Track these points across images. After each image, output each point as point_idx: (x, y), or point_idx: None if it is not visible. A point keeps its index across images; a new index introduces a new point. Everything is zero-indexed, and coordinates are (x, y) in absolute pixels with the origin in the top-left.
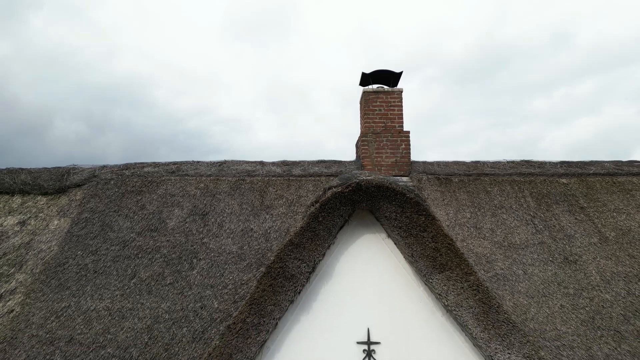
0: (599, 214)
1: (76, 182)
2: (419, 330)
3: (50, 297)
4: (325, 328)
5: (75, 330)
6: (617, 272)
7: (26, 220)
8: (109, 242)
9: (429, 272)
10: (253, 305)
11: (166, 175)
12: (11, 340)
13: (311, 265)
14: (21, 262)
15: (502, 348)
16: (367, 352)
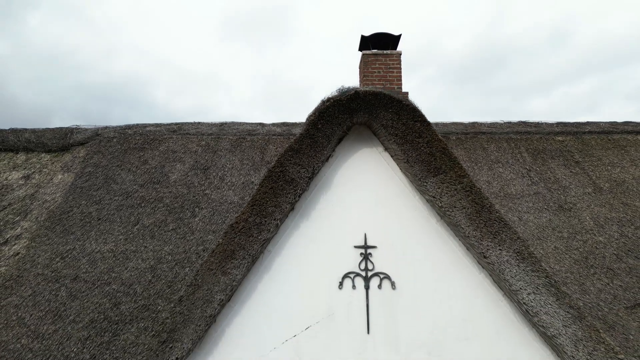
0: (593, 168)
1: (79, 140)
2: (413, 235)
3: (55, 241)
4: (324, 234)
5: (80, 269)
6: (611, 218)
7: (30, 174)
8: (112, 193)
9: (424, 176)
10: (255, 206)
11: (168, 134)
12: (17, 278)
13: (310, 171)
14: (26, 211)
15: (494, 245)
16: (364, 255)
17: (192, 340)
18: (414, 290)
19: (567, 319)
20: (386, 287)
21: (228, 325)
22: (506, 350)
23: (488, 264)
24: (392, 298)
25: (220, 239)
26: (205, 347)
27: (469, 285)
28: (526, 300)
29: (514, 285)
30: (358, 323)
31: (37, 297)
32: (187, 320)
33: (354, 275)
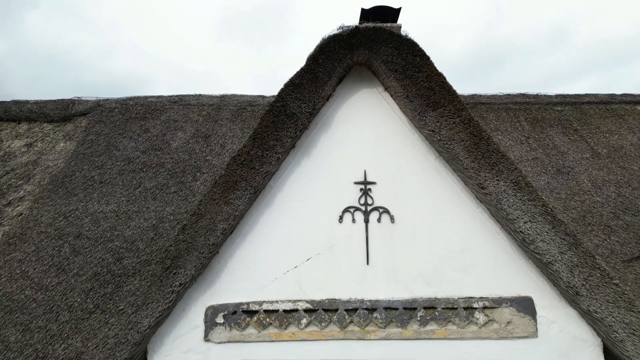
0: (592, 135)
1: (81, 111)
2: (412, 172)
3: (58, 202)
4: (325, 171)
5: (83, 228)
6: (609, 180)
7: (33, 142)
8: (114, 159)
9: (423, 111)
10: (256, 140)
11: (169, 105)
12: (21, 235)
13: (311, 106)
14: (29, 176)
15: (492, 176)
16: (364, 190)
17: (195, 267)
18: (412, 224)
19: (563, 245)
20: (385, 221)
21: (230, 256)
22: (503, 280)
23: (486, 195)
24: (391, 231)
25: (222, 170)
26: (208, 277)
27: (467, 219)
28: (523, 228)
29: (510, 215)
30: (357, 255)
31: (40, 252)
32: (191, 248)
33: (353, 209)
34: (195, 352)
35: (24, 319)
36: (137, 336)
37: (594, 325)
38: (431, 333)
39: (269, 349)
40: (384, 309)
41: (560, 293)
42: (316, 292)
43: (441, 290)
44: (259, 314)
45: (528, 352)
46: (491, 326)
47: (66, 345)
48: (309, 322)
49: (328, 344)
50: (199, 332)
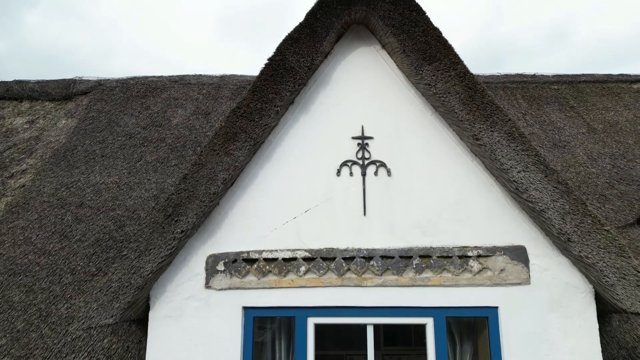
0: (588, 111)
1: (82, 90)
2: (409, 127)
3: (60, 174)
4: (323, 126)
5: (85, 197)
6: (604, 153)
7: (35, 120)
8: (115, 134)
9: (420, 65)
10: (256, 92)
11: (169, 84)
12: (23, 205)
13: (309, 61)
14: (31, 150)
15: (486, 127)
16: (361, 145)
17: (196, 215)
18: (409, 177)
19: (555, 193)
20: (382, 174)
21: (231, 208)
22: (497, 231)
23: (480, 147)
24: (387, 184)
25: (222, 122)
26: (209, 228)
27: (463, 172)
28: (516, 178)
29: (504, 165)
30: (355, 206)
31: (43, 220)
32: (192, 196)
33: (351, 163)
34: (197, 298)
35: (28, 281)
36: (140, 280)
37: (585, 272)
38: (426, 280)
39: (269, 295)
40: (381, 257)
41: (552, 242)
42: (314, 242)
43: (436, 240)
44: (259, 262)
45: (521, 298)
46: (485, 274)
47: (69, 304)
48: (307, 270)
49: (326, 290)
50: (200, 279)
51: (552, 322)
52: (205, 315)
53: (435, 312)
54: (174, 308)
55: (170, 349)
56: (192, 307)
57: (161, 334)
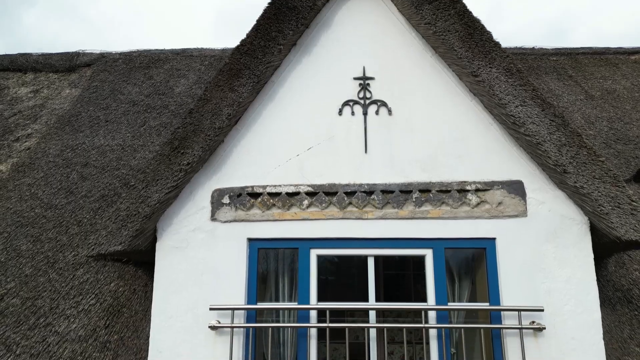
0: (586, 80)
1: (85, 62)
2: (409, 68)
3: (65, 137)
4: (325, 67)
5: (90, 158)
6: (601, 117)
7: (39, 89)
8: (119, 102)
9: (420, 4)
10: (259, 30)
11: (172, 56)
12: (29, 164)
13: (312, 0)
14: (35, 117)
15: (485, 64)
16: (363, 85)
17: (202, 148)
18: (409, 116)
19: (552, 126)
20: (383, 113)
21: (235, 146)
22: (495, 167)
23: (479, 83)
24: (388, 122)
25: (227, 60)
26: (214, 164)
27: (462, 111)
28: (514, 112)
29: (503, 100)
30: (356, 144)
31: (49, 178)
32: (197, 130)
33: (352, 102)
34: (203, 230)
35: (35, 232)
36: (148, 209)
37: (581, 202)
38: (426, 213)
39: (272, 227)
40: (381, 191)
41: (549, 177)
42: (317, 178)
43: (436, 176)
44: (263, 196)
45: (518, 230)
46: (483, 207)
47: (76, 253)
48: (310, 204)
49: (328, 222)
50: (205, 212)
51: (549, 252)
52: (210, 246)
53: (434, 244)
54: (180, 239)
55: (177, 278)
56: (198, 239)
57: (168, 263)
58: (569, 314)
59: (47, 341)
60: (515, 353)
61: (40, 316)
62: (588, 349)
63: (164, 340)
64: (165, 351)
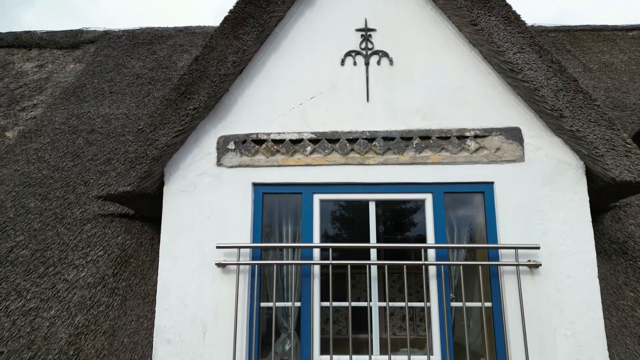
0: (584, 54)
1: (89, 39)
2: (410, 20)
3: (70, 107)
4: (327, 19)
5: (95, 125)
6: (599, 87)
7: (44, 64)
8: (123, 75)
9: None
10: None
11: (175, 33)
12: (36, 131)
13: None
14: (41, 89)
15: (484, 12)
16: (365, 36)
17: (207, 94)
18: (410, 66)
19: (549, 72)
20: (384, 64)
21: (240, 95)
22: (494, 114)
23: (478, 32)
24: (389, 72)
25: (232, 7)
26: (219, 113)
27: (461, 61)
28: (512, 59)
29: (501, 47)
30: (358, 93)
31: (55, 143)
32: (203, 76)
33: (354, 53)
34: (209, 174)
35: (42, 191)
36: (155, 152)
37: (577, 146)
38: (426, 158)
39: (277, 172)
40: (382, 138)
41: (546, 124)
42: (320, 125)
43: (436, 123)
44: (267, 143)
45: (515, 174)
46: (482, 152)
47: (84, 209)
48: (313, 150)
49: (331, 168)
50: (211, 158)
51: (545, 196)
52: (216, 190)
53: (434, 188)
54: (187, 184)
55: (184, 221)
56: (204, 183)
57: (175, 207)
58: (565, 254)
59: (56, 288)
60: (512, 292)
61: (50, 266)
62: (584, 286)
63: (171, 279)
64: (173, 289)
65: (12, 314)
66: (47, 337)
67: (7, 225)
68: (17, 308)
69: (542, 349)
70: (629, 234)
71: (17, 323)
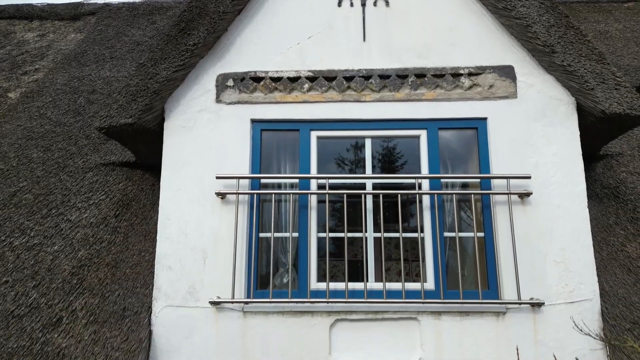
0: (579, 24)
1: (90, 10)
2: None
3: (71, 70)
4: None
5: (96, 86)
6: None
7: (45, 34)
8: (123, 42)
9: None
10: None
11: (175, 4)
12: (38, 91)
13: None
14: (42, 55)
15: None
16: None
17: (207, 30)
18: (405, 7)
19: (541, 9)
20: (381, 5)
21: (239, 35)
22: (487, 54)
23: None
24: (386, 13)
25: None
26: (218, 52)
27: (456, 4)
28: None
29: None
30: (355, 33)
31: (57, 102)
32: (202, 13)
33: None
34: (208, 111)
35: (45, 143)
36: (156, 85)
37: (568, 81)
38: (421, 95)
39: (275, 109)
40: (379, 76)
41: (538, 63)
42: (317, 64)
43: (431, 62)
44: (265, 80)
45: (508, 110)
46: (475, 89)
47: (85, 160)
48: (310, 88)
49: (328, 105)
50: (211, 95)
51: (537, 131)
52: (216, 126)
53: (428, 124)
54: (187, 119)
55: (184, 155)
56: (204, 119)
57: (176, 142)
58: (556, 185)
59: (59, 227)
60: (504, 222)
61: (53, 208)
62: (574, 216)
63: (172, 209)
64: (173, 219)
65: (16, 249)
66: (51, 268)
67: (10, 173)
68: (21, 244)
69: (532, 275)
70: (621, 180)
71: (21, 257)
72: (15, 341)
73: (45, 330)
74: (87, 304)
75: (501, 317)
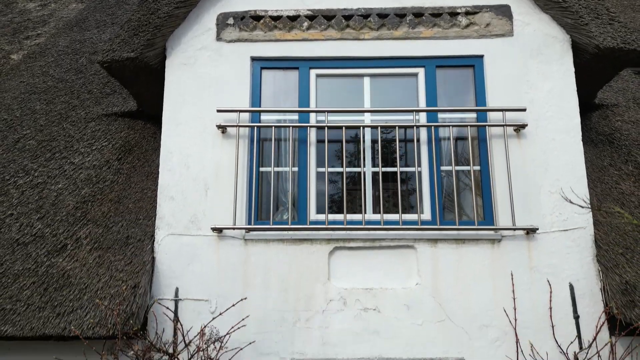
0: None
1: None
2: None
3: (73, 35)
4: None
5: (97, 48)
6: None
7: (46, 4)
8: (124, 10)
9: None
10: None
11: None
12: (40, 53)
13: None
14: (44, 22)
15: None
16: None
17: None
18: None
19: None
20: None
21: None
22: None
23: None
24: None
25: None
26: None
27: None
28: None
29: None
30: None
31: (59, 62)
32: None
33: None
34: (209, 49)
35: (48, 97)
36: (158, 20)
37: (562, 17)
38: (418, 33)
39: (274, 47)
40: (377, 15)
41: (534, 3)
42: (316, 3)
43: (428, 1)
44: (265, 18)
45: (505, 48)
46: (472, 27)
47: (87, 111)
48: (310, 26)
49: (327, 43)
50: (211, 33)
51: (532, 67)
52: (217, 64)
53: (426, 62)
54: (188, 57)
55: (185, 91)
56: (204, 56)
57: (177, 78)
58: (551, 119)
59: (63, 168)
60: (500, 156)
61: (56, 152)
62: (568, 148)
63: (174, 143)
64: (175, 152)
65: (20, 187)
66: (55, 203)
67: (14, 122)
68: (25, 183)
69: (527, 206)
70: (616, 128)
71: (26, 193)
72: (20, 264)
73: (50, 255)
74: (92, 233)
75: (496, 245)
